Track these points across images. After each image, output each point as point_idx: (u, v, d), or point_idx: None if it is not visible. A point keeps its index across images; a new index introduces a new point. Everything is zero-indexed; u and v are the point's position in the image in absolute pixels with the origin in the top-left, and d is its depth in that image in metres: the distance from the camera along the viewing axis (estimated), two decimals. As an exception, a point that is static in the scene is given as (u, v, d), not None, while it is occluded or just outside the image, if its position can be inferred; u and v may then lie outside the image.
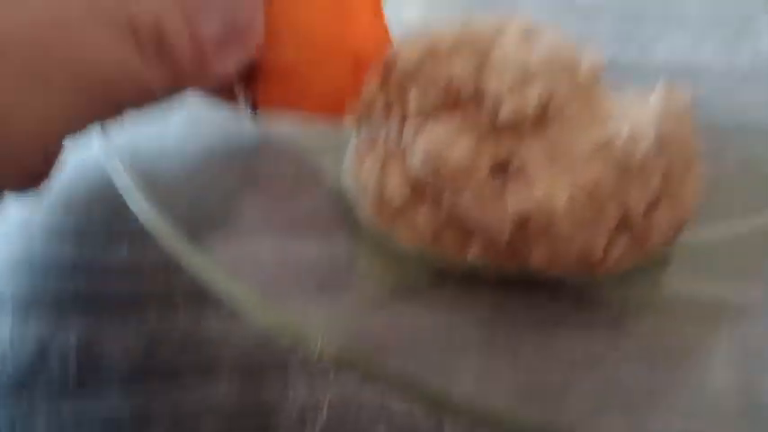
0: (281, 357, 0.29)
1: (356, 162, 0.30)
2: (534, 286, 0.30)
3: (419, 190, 0.28)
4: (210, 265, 0.28)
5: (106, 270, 0.32)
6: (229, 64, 0.24)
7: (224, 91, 0.29)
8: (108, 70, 0.20)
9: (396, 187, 0.28)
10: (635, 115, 0.27)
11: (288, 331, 0.26)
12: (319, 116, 0.29)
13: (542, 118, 0.27)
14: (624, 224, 0.27)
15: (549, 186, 0.26)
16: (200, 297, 0.31)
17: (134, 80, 0.21)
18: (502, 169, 0.27)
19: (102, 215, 0.33)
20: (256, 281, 0.30)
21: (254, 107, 0.27)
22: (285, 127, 0.30)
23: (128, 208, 0.30)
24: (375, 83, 0.28)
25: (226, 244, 0.31)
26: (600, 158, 0.26)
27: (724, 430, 0.27)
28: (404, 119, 0.28)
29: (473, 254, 0.28)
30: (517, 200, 0.26)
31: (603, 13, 0.38)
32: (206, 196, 0.32)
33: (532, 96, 0.26)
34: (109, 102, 0.21)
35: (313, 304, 0.30)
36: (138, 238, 0.32)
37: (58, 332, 0.30)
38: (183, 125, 0.33)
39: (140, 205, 0.30)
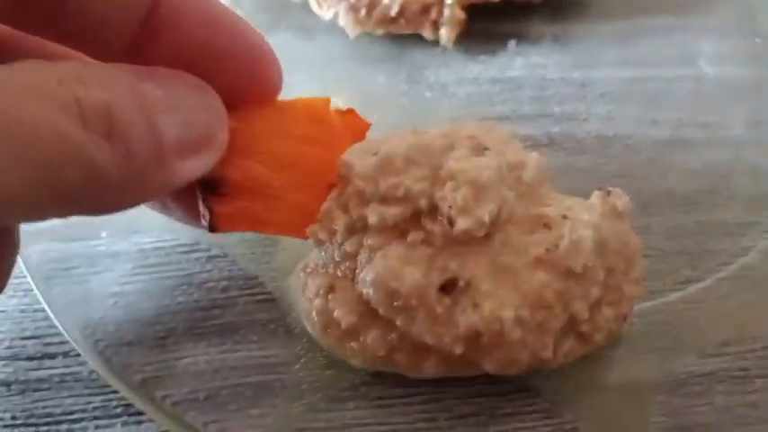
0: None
1: (302, 279, 0.30)
2: (472, 377, 0.30)
3: (367, 314, 0.28)
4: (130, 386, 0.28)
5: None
6: (191, 170, 0.24)
7: (181, 205, 0.29)
8: (49, 144, 0.19)
9: (344, 313, 0.28)
10: (576, 218, 0.28)
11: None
12: (285, 232, 0.29)
13: (489, 229, 0.27)
14: (570, 325, 0.28)
15: (496, 303, 0.27)
16: (136, 411, 0.30)
17: (81, 160, 0.19)
18: (450, 287, 0.27)
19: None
20: (194, 390, 0.31)
21: (212, 222, 0.27)
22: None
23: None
24: (332, 194, 0.29)
25: (160, 354, 0.31)
26: (543, 267, 0.27)
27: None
28: (356, 236, 0.28)
29: (428, 369, 0.29)
30: (467, 318, 0.27)
31: (524, 88, 0.39)
32: (139, 305, 0.32)
33: (483, 214, 0.27)
34: (54, 182, 0.19)
35: (249, 412, 0.30)
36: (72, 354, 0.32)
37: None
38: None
39: (66, 324, 0.31)
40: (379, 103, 0.38)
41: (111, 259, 0.33)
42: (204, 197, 0.27)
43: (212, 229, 0.27)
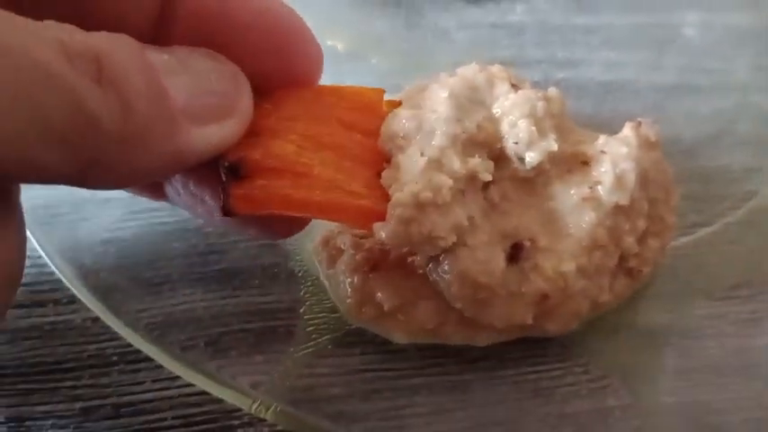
0: (225, 417, 0.28)
1: (328, 251, 0.29)
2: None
3: (413, 292, 0.27)
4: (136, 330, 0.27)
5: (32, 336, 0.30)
6: (207, 139, 0.22)
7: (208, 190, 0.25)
8: (27, 73, 0.17)
9: (388, 296, 0.27)
10: (614, 152, 0.28)
11: (226, 395, 0.26)
12: (315, 213, 0.24)
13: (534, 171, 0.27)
14: (620, 263, 0.28)
15: (556, 259, 0.26)
16: (135, 359, 0.29)
17: (66, 96, 0.18)
18: (516, 252, 0.26)
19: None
20: (192, 337, 0.29)
21: (226, 205, 0.23)
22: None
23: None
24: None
25: (156, 301, 0.30)
26: (591, 206, 0.27)
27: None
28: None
29: (480, 340, 0.28)
30: (532, 285, 0.26)
31: (526, 33, 0.38)
32: (132, 251, 0.31)
33: (551, 144, 0.26)
34: (40, 117, 0.18)
35: (254, 358, 0.29)
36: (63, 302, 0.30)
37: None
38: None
39: (64, 270, 0.29)
40: (379, 48, 0.37)
41: (100, 205, 0.32)
42: (225, 182, 0.23)
43: (226, 212, 0.23)
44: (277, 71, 0.25)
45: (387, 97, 0.27)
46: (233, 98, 0.23)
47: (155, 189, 0.27)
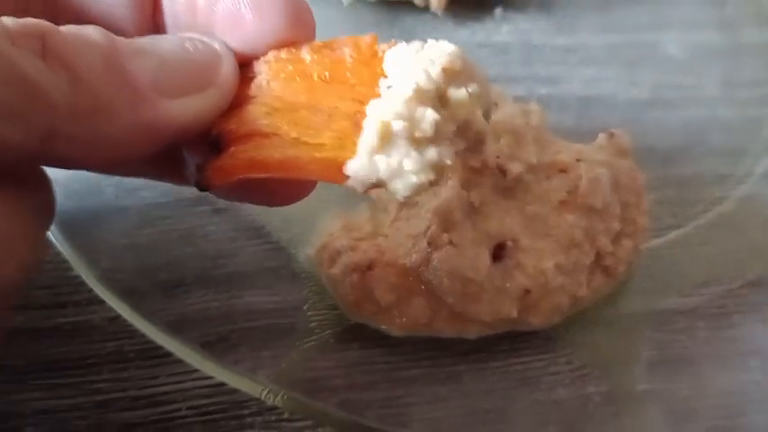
0: (235, 407, 0.31)
1: (328, 254, 0.31)
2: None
3: (407, 288, 0.29)
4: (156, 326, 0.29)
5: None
6: (184, 110, 0.22)
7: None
8: None
9: (384, 292, 0.29)
10: (589, 159, 0.30)
11: (239, 383, 0.28)
12: (289, 172, 0.23)
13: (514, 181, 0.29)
14: (596, 261, 0.31)
15: (536, 257, 0.29)
16: (151, 356, 0.31)
17: (14, 75, 0.19)
18: (500, 252, 0.29)
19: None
20: (206, 334, 0.32)
21: (199, 178, 0.23)
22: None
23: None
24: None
25: (172, 300, 0.32)
26: (568, 209, 0.30)
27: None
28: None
29: (470, 333, 0.30)
30: (516, 282, 0.29)
31: (511, 52, 0.41)
32: (148, 256, 0.33)
33: (530, 156, 0.29)
34: None
35: (261, 353, 0.31)
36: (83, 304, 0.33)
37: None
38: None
39: (86, 271, 0.31)
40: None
41: (118, 214, 0.34)
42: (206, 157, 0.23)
43: (201, 185, 0.23)
44: (260, 33, 0.24)
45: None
46: (212, 69, 0.23)
47: (167, 170, 0.27)
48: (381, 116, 0.21)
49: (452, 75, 0.22)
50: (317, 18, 0.26)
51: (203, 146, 0.24)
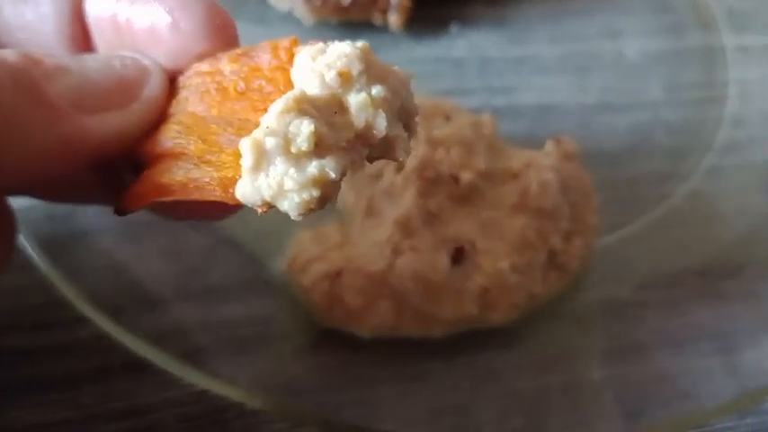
0: (218, 412, 0.32)
1: (299, 265, 0.33)
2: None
3: (374, 292, 0.31)
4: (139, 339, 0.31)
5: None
6: (104, 126, 0.22)
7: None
8: None
9: (353, 296, 0.31)
10: (538, 165, 0.33)
11: (220, 390, 0.30)
12: (194, 195, 0.21)
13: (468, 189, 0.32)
14: (550, 259, 0.33)
15: (492, 258, 0.31)
16: (135, 369, 0.33)
17: None
18: (459, 255, 0.31)
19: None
20: (186, 345, 0.33)
21: (117, 205, 0.23)
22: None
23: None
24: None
25: (153, 315, 0.34)
26: (520, 212, 0.32)
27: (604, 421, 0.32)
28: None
29: (437, 331, 0.32)
30: (474, 282, 0.31)
31: (466, 66, 0.43)
32: (128, 273, 0.35)
33: (480, 164, 0.31)
34: None
35: (239, 360, 0.33)
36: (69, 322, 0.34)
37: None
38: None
39: (70, 290, 0.33)
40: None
41: (99, 234, 0.36)
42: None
43: (118, 212, 0.23)
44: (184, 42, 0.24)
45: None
46: (138, 84, 0.23)
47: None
48: (255, 134, 0.19)
49: (349, 79, 0.20)
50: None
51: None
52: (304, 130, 0.19)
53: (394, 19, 0.44)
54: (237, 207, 0.24)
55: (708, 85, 0.43)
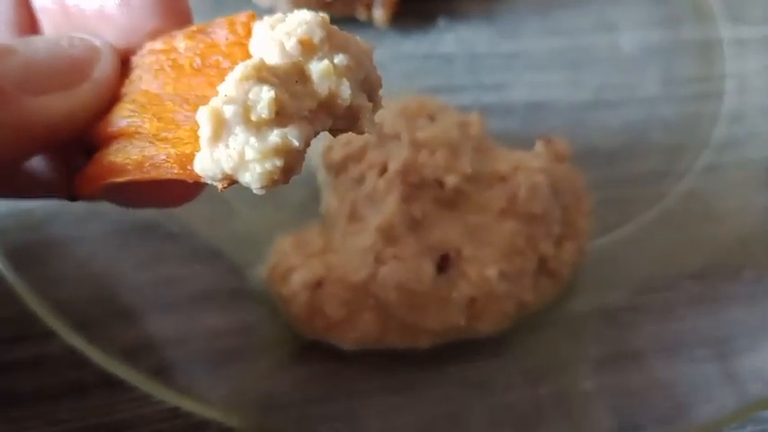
0: (195, 428, 0.31)
1: (279, 274, 0.32)
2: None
3: (357, 303, 0.30)
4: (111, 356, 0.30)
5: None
6: (52, 107, 0.22)
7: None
8: None
9: (335, 308, 0.30)
10: (527, 167, 0.31)
11: (190, 406, 0.29)
12: (152, 175, 0.21)
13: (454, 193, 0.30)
14: (540, 266, 0.32)
15: (479, 265, 0.30)
16: (110, 383, 0.32)
17: None
18: (444, 263, 0.30)
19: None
20: (162, 358, 0.32)
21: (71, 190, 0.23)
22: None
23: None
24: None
25: (129, 327, 0.33)
26: (509, 217, 0.30)
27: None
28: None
29: (422, 343, 0.31)
30: (461, 291, 0.30)
31: (455, 62, 0.42)
32: (103, 284, 0.34)
33: (466, 167, 0.30)
34: None
35: (217, 374, 0.32)
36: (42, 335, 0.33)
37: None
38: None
39: (42, 307, 0.32)
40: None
41: (72, 244, 0.34)
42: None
43: (71, 197, 0.22)
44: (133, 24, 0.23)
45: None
46: (88, 64, 0.23)
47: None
48: (213, 102, 0.19)
49: (311, 47, 0.20)
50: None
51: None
52: (264, 96, 0.18)
53: (379, 14, 0.42)
54: (197, 188, 0.24)
55: (705, 79, 0.42)
